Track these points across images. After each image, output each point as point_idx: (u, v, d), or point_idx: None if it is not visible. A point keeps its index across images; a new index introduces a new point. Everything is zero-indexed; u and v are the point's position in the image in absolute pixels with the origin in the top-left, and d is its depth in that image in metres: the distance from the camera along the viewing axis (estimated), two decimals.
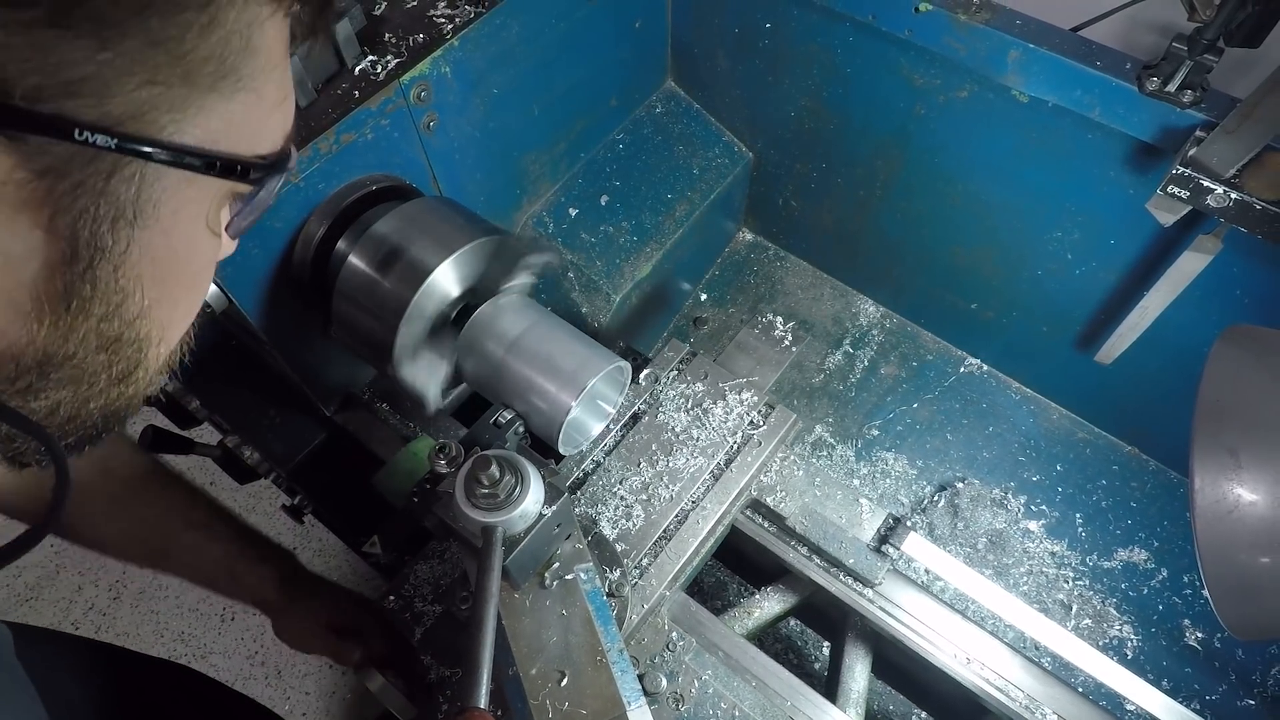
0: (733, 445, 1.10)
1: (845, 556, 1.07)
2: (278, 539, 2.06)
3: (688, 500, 1.07)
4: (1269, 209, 1.00)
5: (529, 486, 0.79)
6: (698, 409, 1.12)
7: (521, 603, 0.84)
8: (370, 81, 0.99)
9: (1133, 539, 1.52)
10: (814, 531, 1.08)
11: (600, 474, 1.08)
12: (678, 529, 1.05)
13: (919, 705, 1.39)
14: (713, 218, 1.72)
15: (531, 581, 0.85)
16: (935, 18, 1.21)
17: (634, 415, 1.13)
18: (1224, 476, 0.68)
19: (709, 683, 0.97)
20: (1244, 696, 1.38)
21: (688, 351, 1.17)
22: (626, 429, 1.12)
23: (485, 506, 0.77)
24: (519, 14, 1.13)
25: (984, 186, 1.42)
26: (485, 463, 0.76)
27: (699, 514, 1.06)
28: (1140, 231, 1.28)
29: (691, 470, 1.08)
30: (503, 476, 0.77)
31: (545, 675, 0.81)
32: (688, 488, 1.07)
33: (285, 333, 1.05)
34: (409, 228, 0.95)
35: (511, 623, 0.83)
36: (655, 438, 1.10)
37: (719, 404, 1.12)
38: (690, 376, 1.15)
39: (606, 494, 1.07)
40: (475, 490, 0.77)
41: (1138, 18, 1.36)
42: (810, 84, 1.48)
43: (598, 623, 0.83)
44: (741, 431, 1.10)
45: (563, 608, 0.84)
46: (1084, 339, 1.52)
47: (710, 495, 1.07)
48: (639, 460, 1.09)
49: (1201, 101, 1.07)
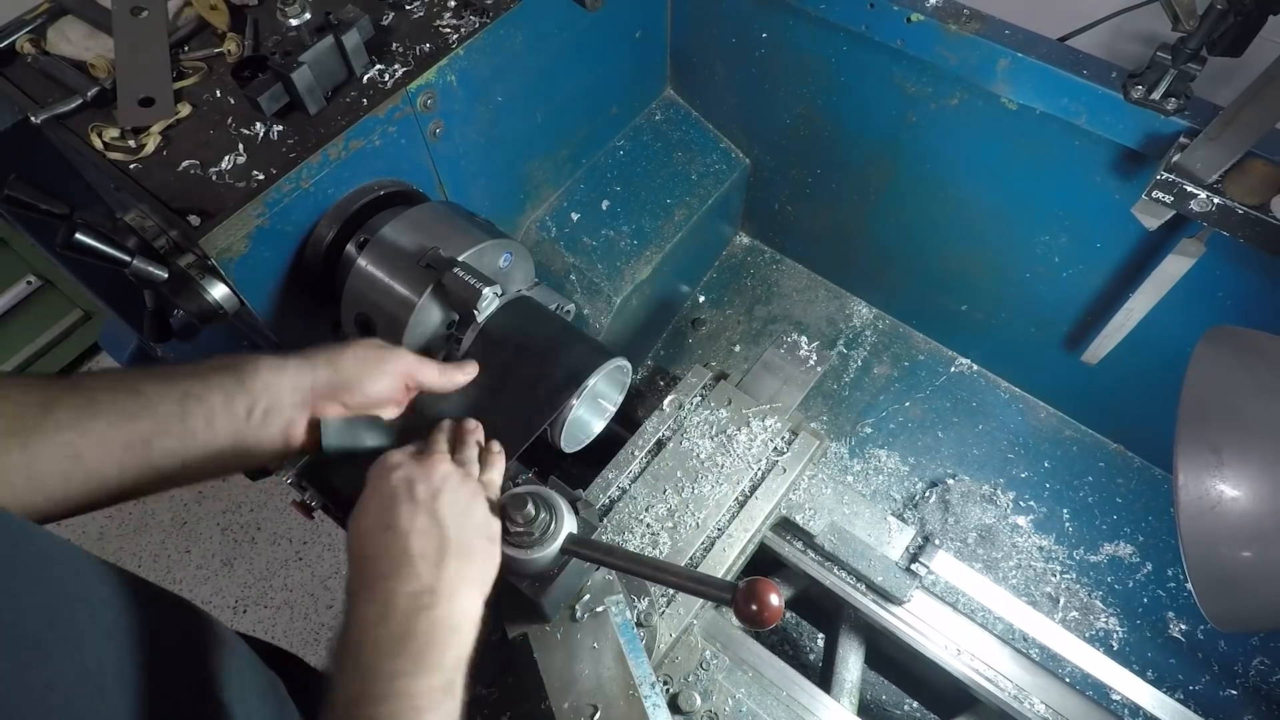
0: (758, 472, 1.07)
1: (874, 574, 1.05)
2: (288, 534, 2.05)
3: (713, 528, 1.03)
4: (1250, 213, 1.00)
5: (563, 522, 0.76)
6: (722, 435, 1.09)
7: (553, 636, 0.82)
8: (378, 90, 0.99)
9: (1118, 534, 1.52)
10: (842, 549, 1.06)
11: (626, 501, 1.05)
12: (704, 557, 1.02)
13: (911, 695, 1.39)
14: (710, 222, 1.72)
15: (563, 614, 0.83)
16: (927, 28, 1.21)
17: (659, 442, 1.10)
18: (1207, 473, 0.68)
19: (742, 701, 0.95)
20: (1226, 687, 1.37)
21: (711, 377, 1.14)
22: (651, 455, 1.09)
23: (518, 544, 0.75)
24: (523, 24, 1.12)
25: (974, 191, 1.42)
26: (520, 501, 0.74)
27: (725, 541, 1.03)
28: (1126, 235, 1.28)
29: (717, 497, 1.04)
30: (538, 514, 0.75)
31: (578, 709, 0.79)
32: (713, 515, 1.04)
33: (296, 334, 1.04)
34: (416, 231, 0.95)
35: (544, 656, 0.81)
36: (680, 464, 1.07)
37: (743, 430, 1.09)
38: (714, 402, 1.12)
39: (633, 521, 1.03)
40: (509, 528, 0.75)
41: (1123, 28, 1.36)
42: (805, 92, 1.48)
43: (629, 656, 0.81)
44: (766, 458, 1.07)
45: (594, 640, 0.82)
46: (1071, 339, 1.52)
47: (736, 522, 1.04)
48: (664, 487, 1.05)
49: (1185, 109, 1.07)
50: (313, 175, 0.94)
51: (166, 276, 0.90)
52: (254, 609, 2.11)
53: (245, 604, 2.12)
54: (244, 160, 0.92)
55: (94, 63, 0.98)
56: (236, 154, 0.93)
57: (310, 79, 0.94)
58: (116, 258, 0.87)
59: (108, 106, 0.97)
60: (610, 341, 1.56)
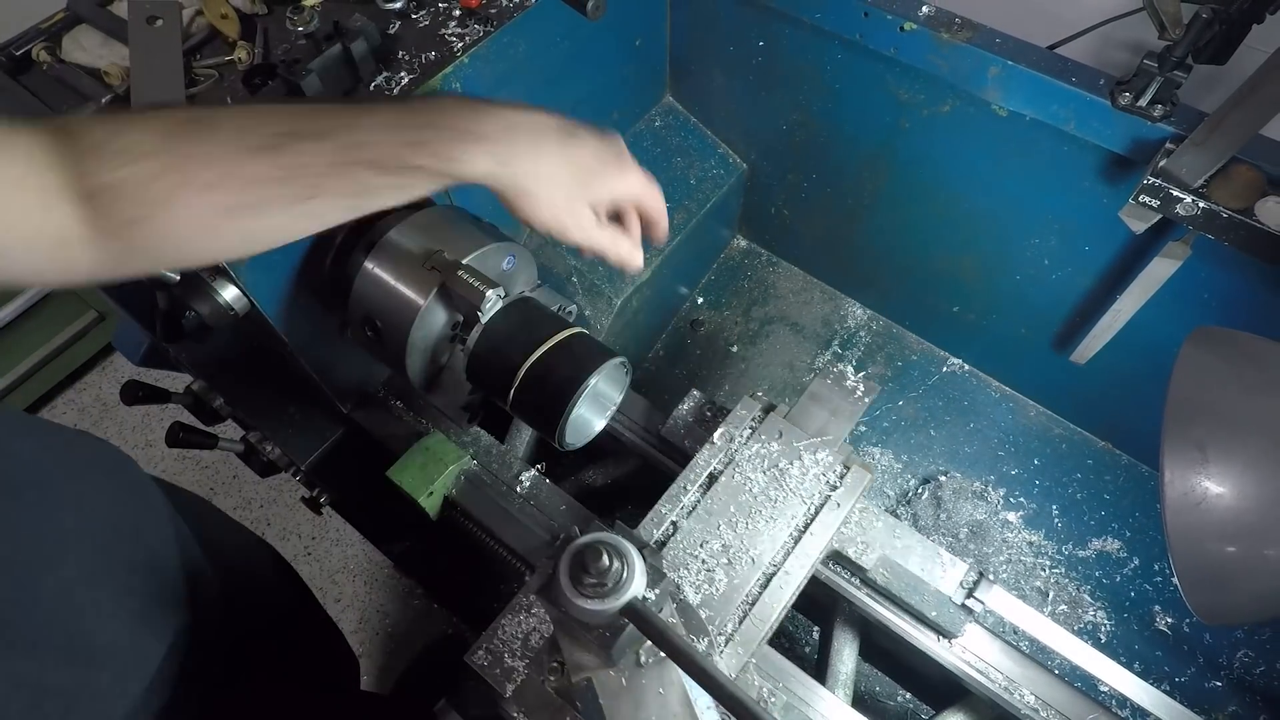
0: (811, 507, 1.03)
1: (928, 609, 1.03)
2: (297, 530, 2.05)
3: (769, 563, 1.00)
4: (1235, 217, 1.00)
5: (634, 569, 0.74)
6: (774, 469, 1.05)
7: (618, 681, 0.78)
8: (385, 97, 0.99)
9: (1106, 529, 1.52)
10: (895, 584, 1.04)
11: (680, 536, 1.01)
12: (760, 594, 0.98)
13: (904, 686, 1.39)
14: (709, 225, 1.72)
15: (628, 659, 0.79)
16: (919, 36, 1.21)
17: (710, 475, 1.06)
18: (1193, 470, 0.68)
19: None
20: (1211, 679, 1.38)
21: (760, 409, 1.11)
22: (704, 490, 1.05)
23: (594, 595, 0.72)
24: (526, 33, 1.12)
25: (965, 196, 1.42)
26: (596, 554, 0.71)
27: (782, 578, 0.99)
28: (1113, 238, 1.28)
29: (771, 532, 1.01)
30: (611, 564, 0.72)
31: None
32: (768, 550, 1.00)
33: (304, 334, 1.04)
34: (421, 234, 0.95)
35: (610, 703, 0.78)
36: (733, 499, 1.03)
37: (795, 464, 1.06)
38: (765, 435, 1.08)
39: (687, 557, 0.99)
40: (583, 579, 0.72)
41: (1111, 36, 1.36)
42: (801, 99, 1.48)
43: (695, 702, 0.78)
44: (819, 492, 1.04)
45: (659, 686, 0.78)
46: (1060, 340, 1.52)
47: (792, 558, 1.00)
48: (718, 523, 1.01)
49: (1171, 115, 1.07)
50: None
51: (178, 278, 0.90)
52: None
53: None
54: None
55: (108, 70, 0.98)
56: None
57: (319, 87, 0.94)
58: None
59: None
60: (611, 342, 1.56)
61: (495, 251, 0.96)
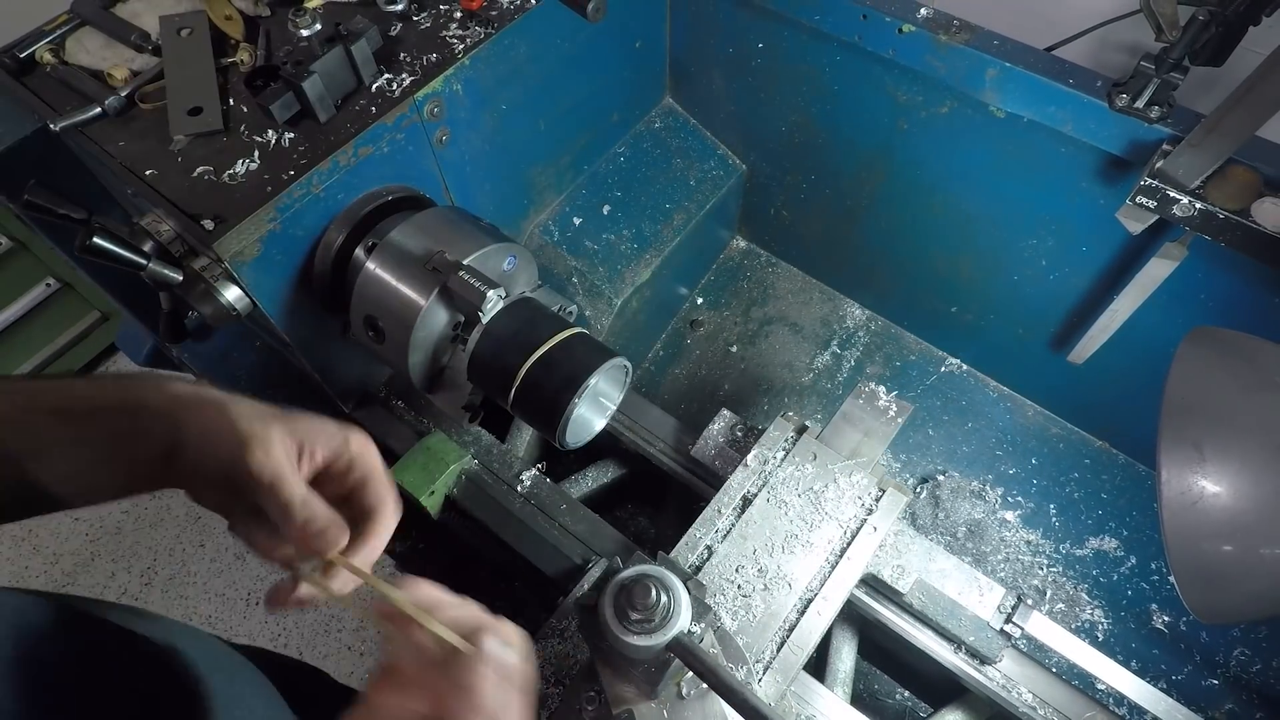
0: (848, 531, 1.01)
1: (965, 634, 1.01)
2: None
3: (805, 589, 0.97)
4: (1231, 218, 1.00)
5: (681, 605, 0.72)
6: (809, 492, 1.03)
7: (659, 714, 0.77)
8: (386, 98, 0.99)
9: (1103, 528, 1.52)
10: (931, 608, 1.02)
11: (715, 560, 0.98)
12: (799, 619, 0.95)
13: (902, 685, 1.39)
14: (708, 226, 1.72)
15: (669, 690, 0.78)
16: (918, 38, 1.21)
17: (744, 498, 1.03)
18: (1189, 469, 0.68)
19: None
20: (1208, 676, 1.37)
21: (793, 430, 1.08)
22: (738, 513, 1.02)
23: (641, 631, 0.71)
24: (526, 35, 1.12)
25: (963, 197, 1.42)
26: (645, 590, 0.70)
27: (820, 604, 0.96)
28: (1110, 239, 1.28)
29: (808, 557, 0.98)
30: (658, 600, 0.71)
31: None
32: (805, 575, 0.97)
33: (306, 334, 1.04)
34: (423, 235, 0.95)
35: None
36: (769, 523, 1.01)
37: (830, 487, 1.03)
38: (799, 458, 1.06)
39: (724, 582, 0.97)
40: (629, 615, 0.71)
41: (1108, 38, 1.36)
42: (800, 101, 1.48)
43: None
44: (856, 515, 1.02)
45: (700, 718, 0.78)
46: (1057, 340, 1.52)
47: (829, 584, 0.98)
48: (754, 547, 0.99)
49: (1168, 117, 1.07)
50: (323, 181, 0.94)
51: (181, 279, 0.90)
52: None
53: (257, 596, 2.12)
54: (256, 166, 0.92)
55: (111, 72, 0.98)
56: (249, 160, 0.93)
57: (320, 88, 0.94)
58: (133, 261, 0.87)
59: (124, 115, 0.97)
60: (611, 342, 1.56)
61: (496, 252, 0.96)
